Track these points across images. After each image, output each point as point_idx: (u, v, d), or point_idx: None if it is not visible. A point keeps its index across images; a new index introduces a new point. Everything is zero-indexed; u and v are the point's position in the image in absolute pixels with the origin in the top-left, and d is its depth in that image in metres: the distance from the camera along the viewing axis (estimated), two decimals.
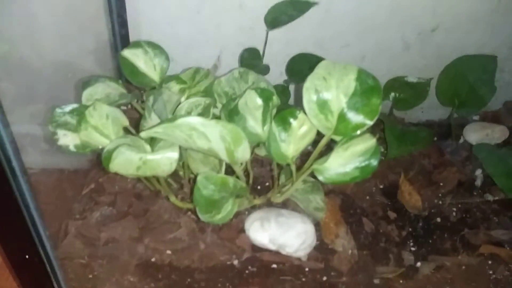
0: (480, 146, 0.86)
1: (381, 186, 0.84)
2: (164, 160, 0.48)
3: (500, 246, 0.71)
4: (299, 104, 0.53)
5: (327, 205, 0.71)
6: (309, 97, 0.50)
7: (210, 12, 0.85)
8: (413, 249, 0.70)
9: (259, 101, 0.53)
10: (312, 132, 0.53)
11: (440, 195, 0.83)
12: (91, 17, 0.75)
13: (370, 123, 0.50)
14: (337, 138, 0.51)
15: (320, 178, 0.51)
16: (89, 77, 0.63)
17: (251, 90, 0.53)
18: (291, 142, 0.53)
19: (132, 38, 0.85)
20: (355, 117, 0.49)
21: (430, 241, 0.73)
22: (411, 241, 0.72)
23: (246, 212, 0.65)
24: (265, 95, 0.53)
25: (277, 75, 0.91)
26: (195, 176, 0.52)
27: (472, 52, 0.93)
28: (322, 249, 0.66)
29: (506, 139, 0.96)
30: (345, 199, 0.79)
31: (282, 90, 0.86)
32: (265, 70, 0.85)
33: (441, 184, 0.86)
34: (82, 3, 0.74)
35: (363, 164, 0.50)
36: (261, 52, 0.86)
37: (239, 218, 0.63)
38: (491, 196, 0.83)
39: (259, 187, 0.76)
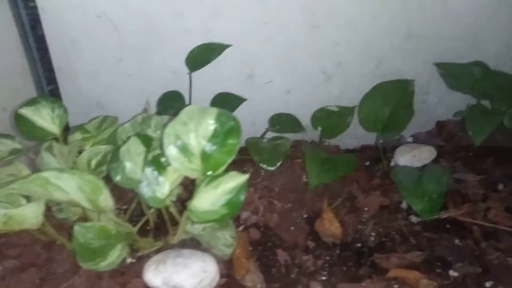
0: (398, 169, 0.88)
1: (305, 216, 0.86)
2: (29, 214, 0.50)
3: (411, 268, 0.73)
4: None
5: (240, 240, 0.73)
6: (169, 142, 0.53)
7: (132, 59, 0.90)
8: (323, 278, 0.72)
9: (141, 147, 0.57)
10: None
11: (363, 220, 0.85)
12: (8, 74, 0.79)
13: (229, 161, 0.53)
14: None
15: (192, 217, 0.54)
16: None
17: (134, 136, 0.57)
18: (166, 185, 0.56)
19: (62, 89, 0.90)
20: (216, 157, 0.53)
21: (345, 268, 0.74)
22: (324, 270, 0.74)
23: (152, 255, 0.67)
24: (146, 140, 0.57)
25: None
26: None
27: (392, 78, 0.97)
28: (229, 286, 0.68)
29: (434, 158, 0.98)
30: (266, 232, 0.82)
31: None
32: None
33: (366, 209, 0.88)
34: None
35: (230, 201, 0.52)
36: (188, 93, 0.90)
37: (144, 261, 0.66)
38: (416, 218, 0.85)
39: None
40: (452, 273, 0.73)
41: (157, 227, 0.74)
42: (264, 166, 0.84)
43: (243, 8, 0.86)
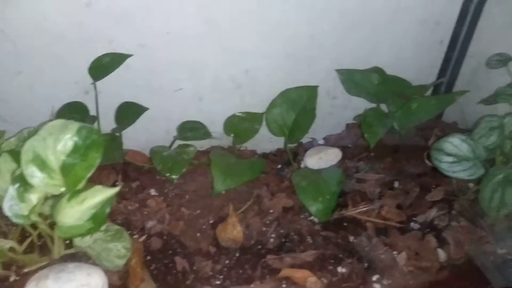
0: (297, 172, 0.92)
1: (212, 221, 0.88)
2: None
3: (304, 267, 0.77)
4: None
5: (136, 250, 0.74)
6: (27, 159, 0.53)
7: (32, 71, 0.89)
8: (218, 282, 0.74)
9: (13, 164, 0.56)
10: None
11: (268, 222, 0.89)
12: None
13: (88, 175, 0.54)
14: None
15: (59, 233, 0.54)
16: None
17: (5, 152, 0.56)
18: (32, 202, 0.56)
19: None
20: (76, 172, 0.53)
21: (241, 271, 0.77)
22: (222, 274, 0.76)
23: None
24: (17, 157, 0.56)
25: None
26: None
27: (298, 84, 1.01)
28: None
29: (340, 160, 1.03)
30: (168, 240, 0.83)
31: (111, 138, 0.90)
32: (90, 121, 0.88)
33: (271, 211, 0.91)
34: None
35: (95, 215, 0.53)
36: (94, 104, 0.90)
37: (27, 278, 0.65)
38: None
39: None
40: (340, 269, 0.77)
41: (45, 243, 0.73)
42: (168, 175, 0.85)
43: (145, 18, 0.87)
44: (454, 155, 0.71)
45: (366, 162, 1.01)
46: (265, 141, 1.10)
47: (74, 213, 0.53)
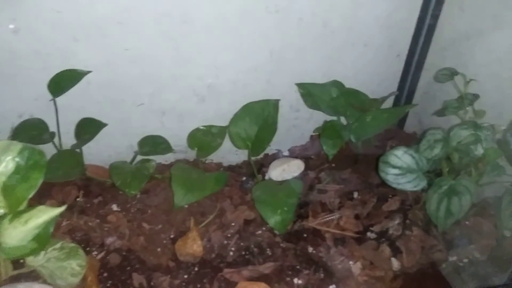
0: (258, 185, 0.93)
1: (173, 236, 0.89)
2: None
3: (261, 280, 0.78)
4: None
5: (92, 267, 0.73)
6: None
7: None
8: None
9: None
10: None
11: (229, 235, 0.90)
12: None
13: (29, 196, 0.54)
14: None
15: (3, 254, 0.54)
16: None
17: None
18: None
19: None
20: (18, 193, 0.54)
21: (199, 285, 0.78)
22: None
23: None
24: None
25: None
26: None
27: (261, 98, 1.03)
28: None
29: (302, 171, 1.05)
30: (128, 256, 0.83)
31: (71, 155, 0.90)
32: (49, 137, 0.88)
33: (233, 224, 0.92)
34: None
35: (38, 235, 0.53)
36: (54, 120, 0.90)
37: None
38: None
39: None
40: (297, 281, 0.79)
41: None
42: (127, 190, 0.85)
43: (103, 34, 0.88)
44: (399, 168, 0.73)
45: (328, 173, 1.03)
46: (231, 153, 1.11)
47: (18, 234, 0.53)
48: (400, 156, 0.73)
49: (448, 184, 0.73)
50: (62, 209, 0.55)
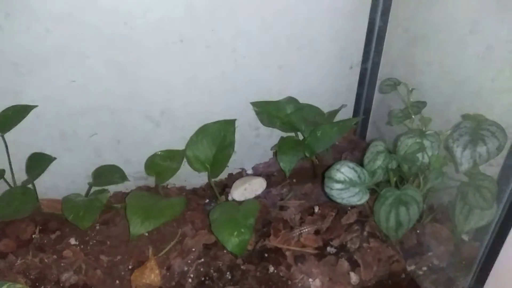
0: (216, 208, 0.92)
1: (131, 267, 0.87)
2: None
3: None
4: None
5: None
6: None
7: None
8: None
9: None
10: None
11: (189, 261, 0.88)
12: None
13: None
14: None
15: None
16: None
17: None
18: None
19: None
20: None
21: None
22: None
23: None
24: None
25: None
26: None
27: (218, 119, 1.03)
28: None
29: (265, 188, 1.05)
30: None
31: (22, 191, 0.88)
32: None
33: (193, 249, 0.91)
34: None
35: None
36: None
37: None
38: None
39: None
40: None
41: None
42: (80, 224, 0.84)
43: (48, 68, 0.87)
44: (342, 182, 0.73)
45: (289, 188, 1.03)
46: (194, 176, 1.10)
47: None
48: (343, 171, 0.73)
49: (393, 195, 0.73)
50: None
